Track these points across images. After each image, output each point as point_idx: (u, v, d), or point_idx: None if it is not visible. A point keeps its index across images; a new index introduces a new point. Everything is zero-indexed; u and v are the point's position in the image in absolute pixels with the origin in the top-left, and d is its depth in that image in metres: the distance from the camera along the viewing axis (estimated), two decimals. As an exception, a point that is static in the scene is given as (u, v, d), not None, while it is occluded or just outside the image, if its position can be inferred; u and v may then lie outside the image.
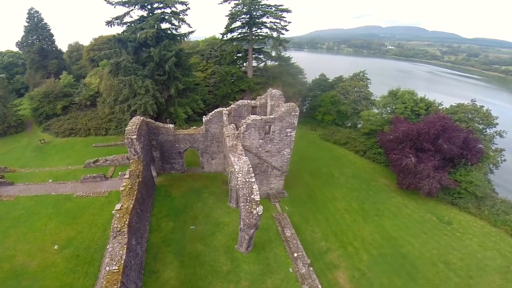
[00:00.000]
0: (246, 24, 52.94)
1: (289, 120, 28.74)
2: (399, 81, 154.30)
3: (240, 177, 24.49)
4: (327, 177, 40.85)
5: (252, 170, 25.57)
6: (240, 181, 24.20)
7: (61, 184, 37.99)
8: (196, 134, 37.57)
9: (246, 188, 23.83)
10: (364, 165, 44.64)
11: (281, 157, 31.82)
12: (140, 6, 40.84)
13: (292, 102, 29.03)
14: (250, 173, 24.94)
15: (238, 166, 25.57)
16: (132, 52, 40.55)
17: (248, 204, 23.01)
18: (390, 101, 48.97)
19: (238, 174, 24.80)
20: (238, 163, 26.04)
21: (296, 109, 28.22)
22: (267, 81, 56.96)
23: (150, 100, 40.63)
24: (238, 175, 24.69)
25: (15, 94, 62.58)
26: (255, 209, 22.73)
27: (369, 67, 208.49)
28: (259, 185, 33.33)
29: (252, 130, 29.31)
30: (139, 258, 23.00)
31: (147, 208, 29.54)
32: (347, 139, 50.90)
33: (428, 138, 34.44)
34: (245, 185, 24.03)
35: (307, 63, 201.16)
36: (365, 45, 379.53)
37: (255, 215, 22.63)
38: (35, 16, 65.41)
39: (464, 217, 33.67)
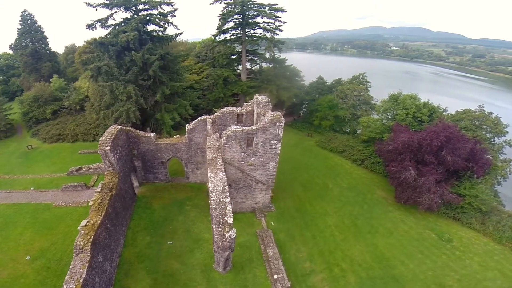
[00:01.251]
0: (239, 24, 49.61)
1: (273, 132, 25.40)
2: (403, 83, 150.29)
3: (213, 197, 21.61)
4: (320, 189, 37.55)
5: (227, 188, 22.56)
6: (213, 201, 21.37)
7: (42, 193, 36.66)
8: (179, 143, 34.59)
9: (220, 208, 21.04)
10: (361, 176, 41.07)
11: (266, 171, 28.52)
12: (124, 8, 37.98)
13: (277, 111, 25.61)
14: (225, 192, 21.99)
15: (212, 184, 22.62)
16: (114, 56, 37.71)
17: (221, 226, 20.41)
18: (391, 106, 45.18)
19: (212, 193, 21.89)
20: (213, 180, 23.05)
21: (281, 119, 24.83)
22: (261, 84, 53.60)
23: (132, 107, 37.89)
24: (212, 194, 21.81)
25: (7, 98, 60.32)
26: (228, 232, 20.13)
27: (372, 68, 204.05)
28: (244, 199, 30.48)
29: (233, 143, 26.11)
30: (107, 274, 21.76)
31: (122, 222, 27.74)
32: (345, 147, 47.21)
33: (430, 150, 30.75)
34: (218, 205, 21.21)
35: (310, 65, 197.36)
36: (369, 46, 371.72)
37: (228, 239, 20.17)
38: (28, 18, 63.28)
39: (466, 233, 30.43)
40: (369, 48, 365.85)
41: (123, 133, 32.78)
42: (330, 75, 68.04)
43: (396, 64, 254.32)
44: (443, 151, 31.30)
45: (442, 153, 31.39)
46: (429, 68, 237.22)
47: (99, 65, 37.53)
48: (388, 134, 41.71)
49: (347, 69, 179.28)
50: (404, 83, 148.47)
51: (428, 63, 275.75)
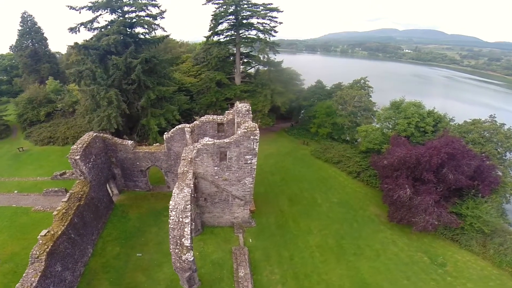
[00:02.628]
0: (233, 26, 46.97)
1: (248, 145, 22.67)
2: (413, 86, 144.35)
3: (173, 216, 19.66)
4: (308, 203, 34.68)
5: (189, 207, 20.26)
6: (172, 220, 19.46)
7: (25, 196, 36.51)
8: (157, 152, 32.50)
9: (178, 229, 19.12)
10: (356, 189, 37.89)
11: (242, 186, 25.93)
12: (110, 10, 36.07)
13: (253, 123, 22.74)
14: (186, 212, 19.85)
15: (173, 202, 20.45)
16: (97, 60, 35.83)
17: (178, 248, 18.62)
18: (392, 114, 41.44)
19: (171, 212, 19.84)
20: (175, 198, 20.88)
21: (256, 132, 22.06)
22: (256, 88, 50.83)
23: (113, 112, 35.95)
24: (171, 213, 19.78)
25: (1, 100, 59.79)
26: (185, 254, 18.35)
27: (383, 71, 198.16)
28: (221, 214, 28.40)
29: (205, 156, 23.50)
30: (66, 283, 21.97)
31: (92, 231, 27.34)
32: (341, 158, 43.87)
33: (429, 167, 27.26)
34: (177, 225, 19.26)
35: (318, 67, 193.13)
36: (380, 48, 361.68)
37: (185, 261, 18.42)
38: (28, 19, 62.84)
39: (463, 256, 27.67)
40: (381, 50, 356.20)
41: (99, 141, 31.16)
42: (337, 77, 64.44)
43: (408, 67, 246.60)
44: (445, 169, 27.82)
45: (443, 170, 27.90)
46: (442, 72, 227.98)
47: (81, 69, 35.87)
48: (387, 145, 38.22)
49: (356, 71, 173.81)
50: (414, 87, 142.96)
51: (442, 67, 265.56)
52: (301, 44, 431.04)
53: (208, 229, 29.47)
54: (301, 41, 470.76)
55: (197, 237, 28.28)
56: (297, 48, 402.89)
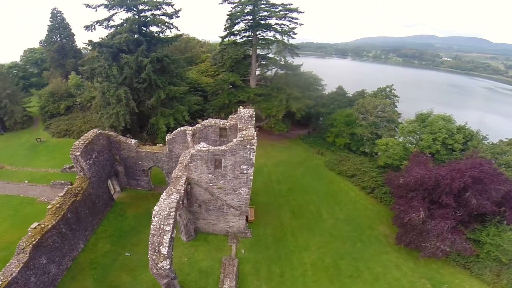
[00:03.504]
0: (250, 26, 46.09)
1: (244, 155, 21.50)
2: (449, 97, 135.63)
3: (154, 222, 19.15)
4: (311, 217, 32.96)
5: (173, 215, 19.59)
6: (153, 226, 18.97)
7: (33, 187, 37.76)
8: (159, 153, 32.41)
9: (157, 236, 18.60)
10: (367, 206, 35.57)
11: (237, 196, 24.88)
12: (126, 8, 36.73)
13: (251, 131, 21.49)
14: (169, 219, 19.23)
15: (158, 208, 19.94)
16: (110, 58, 36.58)
17: (155, 254, 18.17)
18: (417, 128, 38.23)
19: (154, 218, 19.34)
20: (160, 203, 20.37)
21: (253, 141, 20.84)
22: (271, 92, 49.45)
23: (122, 110, 36.40)
24: (154, 219, 19.30)
25: (25, 91, 63.63)
26: (162, 262, 17.85)
27: (417, 79, 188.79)
28: (216, 221, 27.92)
29: (199, 163, 22.67)
30: (50, 276, 22.54)
31: (86, 227, 27.81)
32: (356, 171, 41.29)
33: (449, 190, 24.43)
34: (157, 232, 18.77)
35: (345, 72, 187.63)
36: (416, 55, 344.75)
37: (161, 269, 17.96)
38: (58, 15, 66.38)
39: (472, 285, 25.23)
40: (417, 57, 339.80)
41: (103, 138, 31.74)
42: (364, 84, 61.37)
43: (445, 76, 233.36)
44: (468, 192, 25.01)
45: (466, 194, 25.03)
46: (483, 82, 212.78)
47: (94, 66, 36.79)
48: (407, 162, 35.28)
49: (387, 78, 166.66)
50: (450, 97, 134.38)
51: (483, 77, 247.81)
52: (331, 48, 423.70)
53: (202, 236, 28.90)
54: (331, 45, 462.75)
55: (189, 243, 27.92)
56: (326, 52, 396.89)
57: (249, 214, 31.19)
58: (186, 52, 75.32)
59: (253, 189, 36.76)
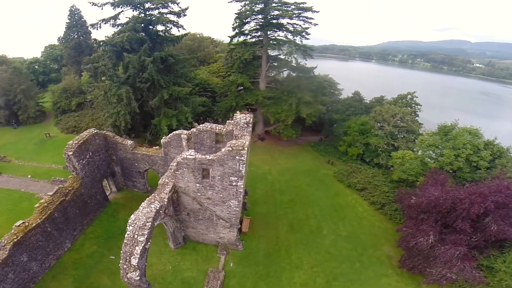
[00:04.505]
0: (260, 26, 44.42)
1: (233, 166, 19.82)
2: (479, 106, 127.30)
3: (129, 230, 18.35)
4: (310, 233, 30.93)
5: (149, 225, 18.56)
6: (127, 235, 18.16)
7: (35, 182, 38.50)
8: (155, 156, 31.57)
9: (130, 245, 17.78)
10: (374, 223, 33.12)
11: (227, 208, 23.39)
12: (132, 7, 36.40)
13: (241, 140, 19.74)
14: (144, 229, 18.27)
15: (134, 216, 19.00)
16: (114, 57, 36.33)
17: (126, 264, 17.36)
18: (438, 142, 34.80)
19: (129, 226, 18.49)
20: (138, 212, 19.33)
21: (242, 152, 19.16)
22: (281, 95, 47.46)
23: (122, 110, 35.98)
24: (129, 227, 18.48)
25: (44, 87, 65.45)
26: (131, 272, 17.06)
27: (445, 86, 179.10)
28: (205, 231, 26.77)
29: (185, 171, 21.24)
30: (30, 273, 22.84)
31: (74, 227, 27.94)
32: (366, 184, 38.54)
33: (466, 215, 21.64)
34: (130, 241, 17.94)
35: (366, 76, 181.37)
36: (446, 61, 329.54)
37: (130, 279, 17.18)
38: (75, 13, 67.96)
39: None
40: (446, 63, 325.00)
41: (99, 138, 31.46)
42: (386, 90, 57.78)
43: (476, 83, 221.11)
44: (488, 217, 22.27)
45: (485, 219, 22.10)
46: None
47: (97, 65, 36.84)
48: (423, 179, 32.15)
49: (412, 84, 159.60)
50: (480, 106, 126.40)
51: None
52: (355, 51, 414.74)
53: (191, 244, 27.98)
54: (355, 48, 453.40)
55: (177, 250, 27.14)
56: (350, 55, 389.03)
57: (244, 225, 29.87)
58: (199, 52, 75.11)
59: (253, 198, 35.33)
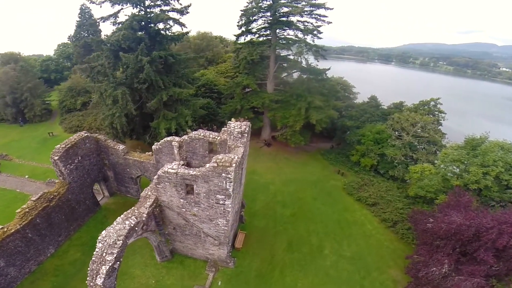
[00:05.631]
0: (269, 24, 41.59)
1: (219, 184, 17.03)
2: (505, 112, 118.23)
3: (98, 248, 16.60)
4: (310, 252, 27.96)
5: (120, 243, 16.57)
6: (96, 252, 16.47)
7: (31, 182, 37.79)
8: (146, 162, 29.57)
9: (98, 264, 15.99)
10: (382, 243, 29.78)
11: (215, 226, 20.74)
12: (132, 4, 34.66)
13: (229, 156, 17.00)
14: (114, 248, 16.35)
15: (105, 232, 17.07)
16: (112, 56, 34.66)
17: (92, 282, 15.72)
18: (464, 157, 30.66)
19: (99, 243, 16.65)
20: (110, 228, 17.44)
21: (229, 169, 16.44)
22: (289, 99, 44.34)
23: (117, 112, 34.13)
24: (98, 244, 16.75)
25: (47, 86, 65.45)
26: None
27: (468, 90, 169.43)
28: (194, 246, 24.47)
29: (167, 185, 18.65)
30: (8, 278, 22.40)
31: (59, 232, 27.01)
32: (379, 199, 34.97)
33: (491, 246, 18.11)
34: (98, 259, 16.12)
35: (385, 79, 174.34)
36: (470, 64, 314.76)
37: None
38: (86, 12, 67.54)
39: None
40: (470, 66, 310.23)
41: (90, 141, 29.90)
42: (403, 94, 53.42)
43: (502, 88, 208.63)
44: None
45: (511, 250, 18.35)
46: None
47: (94, 65, 35.78)
48: (444, 197, 28.36)
49: (432, 88, 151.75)
50: (506, 113, 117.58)
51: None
52: (374, 53, 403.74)
53: (179, 257, 25.91)
54: (374, 49, 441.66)
55: (163, 264, 25.22)
56: (368, 57, 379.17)
57: (238, 240, 27.38)
58: (207, 51, 73.26)
59: (252, 210, 32.56)
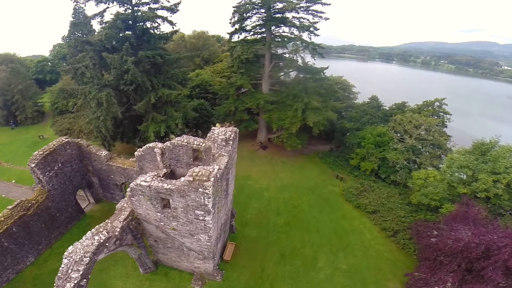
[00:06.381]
0: (263, 21, 39.55)
1: (196, 199, 15.00)
2: (507, 112, 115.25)
3: (64, 263, 15.23)
4: (303, 265, 25.96)
5: (87, 261, 15.15)
6: (61, 268, 15.09)
7: (17, 188, 36.81)
8: (130, 169, 27.88)
9: (63, 280, 14.76)
10: (382, 254, 27.68)
11: (197, 241, 18.61)
12: (119, 2, 32.93)
13: (206, 168, 14.96)
14: (80, 265, 15.00)
15: (72, 247, 15.67)
16: (97, 57, 32.90)
17: None
18: (472, 163, 28.38)
19: (65, 259, 15.38)
20: (77, 243, 15.98)
21: (207, 184, 14.42)
22: (285, 100, 42.16)
23: (102, 116, 32.26)
24: (64, 260, 15.38)
25: (43, 87, 63.94)
26: None
27: (470, 90, 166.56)
28: (177, 259, 22.56)
29: (142, 198, 16.63)
30: None
31: (39, 241, 26.11)
32: (379, 206, 32.87)
33: (501, 265, 15.94)
34: (63, 275, 14.98)
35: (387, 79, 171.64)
36: (472, 63, 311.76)
37: None
38: (79, 11, 65.55)
39: None
40: (472, 65, 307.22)
41: (71, 147, 28.42)
42: (405, 93, 51.10)
43: (504, 87, 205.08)
44: None
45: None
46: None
47: (77, 66, 34.24)
48: (450, 205, 26.18)
49: (434, 87, 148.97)
50: (509, 112, 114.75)
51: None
52: (375, 52, 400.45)
53: (163, 269, 24.29)
54: (375, 48, 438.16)
55: (146, 275, 23.68)
56: (369, 56, 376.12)
57: (227, 251, 25.58)
58: (204, 50, 71.30)
59: (243, 219, 30.60)
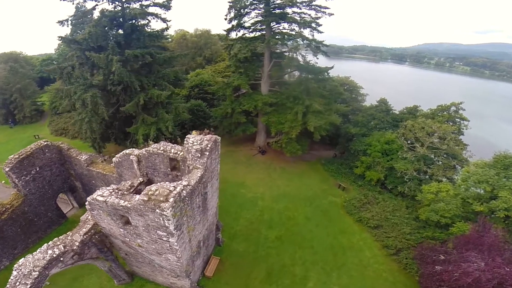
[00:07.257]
0: (263, 17, 37.10)
1: (156, 220, 12.58)
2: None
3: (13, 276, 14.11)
4: (292, 285, 23.53)
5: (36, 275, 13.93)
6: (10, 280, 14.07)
7: (6, 189, 35.76)
8: (109, 175, 26.06)
9: None
10: (381, 274, 24.80)
11: (166, 260, 16.22)
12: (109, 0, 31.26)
13: (165, 187, 12.62)
14: (28, 279, 13.82)
15: (23, 260, 14.68)
16: (84, 56, 31.75)
17: None
18: (492, 178, 25.16)
19: (14, 271, 14.30)
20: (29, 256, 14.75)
21: (164, 205, 12.21)
22: (285, 102, 39.44)
23: (87, 117, 30.65)
24: (14, 272, 14.31)
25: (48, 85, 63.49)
26: None
27: (486, 92, 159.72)
28: (151, 273, 20.71)
29: (101, 213, 14.58)
30: None
31: (14, 245, 25.68)
32: (383, 221, 29.88)
33: None
34: None
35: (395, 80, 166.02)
36: (488, 65, 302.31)
37: None
38: (81, 9, 64.55)
39: None
40: (488, 67, 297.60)
41: (51, 151, 27.22)
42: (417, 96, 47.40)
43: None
44: None
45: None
46: None
47: (63, 65, 32.55)
48: (462, 224, 23.09)
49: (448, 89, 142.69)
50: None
51: None
52: (387, 52, 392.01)
53: (139, 281, 22.76)
54: (388, 49, 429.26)
55: (121, 287, 22.63)
56: (381, 56, 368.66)
57: (209, 267, 23.36)
58: (206, 49, 69.42)
59: (232, 230, 28.23)
